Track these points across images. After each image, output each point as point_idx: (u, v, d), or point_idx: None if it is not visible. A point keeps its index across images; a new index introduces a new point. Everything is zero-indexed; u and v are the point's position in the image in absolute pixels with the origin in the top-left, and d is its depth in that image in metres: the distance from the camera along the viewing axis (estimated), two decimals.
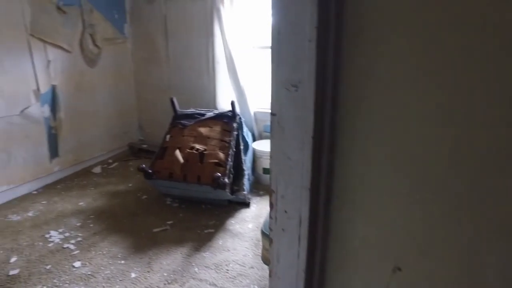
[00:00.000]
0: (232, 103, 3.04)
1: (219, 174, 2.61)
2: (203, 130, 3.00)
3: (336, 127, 0.78)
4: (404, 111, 0.62)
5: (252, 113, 3.77)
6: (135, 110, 4.52)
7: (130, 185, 3.55)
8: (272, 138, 0.89)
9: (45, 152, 3.47)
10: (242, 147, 3.01)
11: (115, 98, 4.20)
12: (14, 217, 2.95)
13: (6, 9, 3.00)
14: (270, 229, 0.88)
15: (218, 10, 3.64)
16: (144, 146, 4.41)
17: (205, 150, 2.86)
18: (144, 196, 3.30)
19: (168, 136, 3.06)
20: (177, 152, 2.82)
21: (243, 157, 2.99)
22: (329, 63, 0.79)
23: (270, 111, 0.84)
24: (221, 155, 2.83)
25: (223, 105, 3.92)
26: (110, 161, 4.20)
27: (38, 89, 3.32)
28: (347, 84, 0.70)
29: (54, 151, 3.56)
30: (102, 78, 3.99)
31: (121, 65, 4.24)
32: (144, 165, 2.82)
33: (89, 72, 3.83)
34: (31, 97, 3.27)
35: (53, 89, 3.46)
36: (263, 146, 3.45)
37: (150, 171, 2.84)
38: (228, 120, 3.06)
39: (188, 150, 2.84)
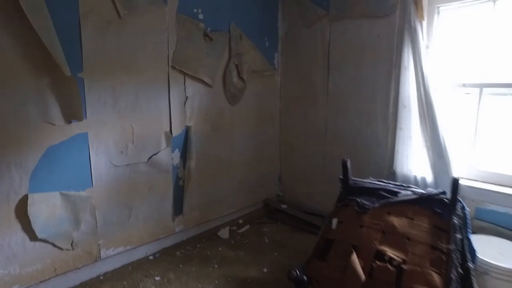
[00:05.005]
0: (455, 182, 1.74)
1: None
2: (397, 222, 1.78)
3: None
4: None
5: None
6: (276, 158, 3.61)
7: (265, 270, 2.53)
8: None
9: (168, 208, 2.78)
10: (470, 264, 1.66)
11: (255, 142, 3.37)
12: None
13: (154, 40, 2.49)
14: None
15: (413, 30, 2.45)
16: (283, 206, 3.43)
17: (404, 261, 1.63)
18: None
19: (335, 221, 1.94)
20: (354, 259, 1.66)
21: (474, 283, 1.63)
22: None
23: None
24: (436, 279, 1.54)
25: (404, 169, 2.64)
26: (241, 221, 3.33)
27: (170, 131, 2.68)
28: None
29: (178, 207, 2.85)
30: (242, 117, 3.21)
31: (267, 103, 3.42)
32: (296, 271, 1.74)
33: (229, 110, 3.09)
34: (162, 141, 2.64)
35: (187, 131, 2.79)
36: (484, 249, 1.99)
37: (304, 277, 1.74)
38: (443, 210, 1.76)
39: (378, 263, 1.65)
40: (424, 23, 2.49)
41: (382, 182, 2.08)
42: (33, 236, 2.10)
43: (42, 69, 2.01)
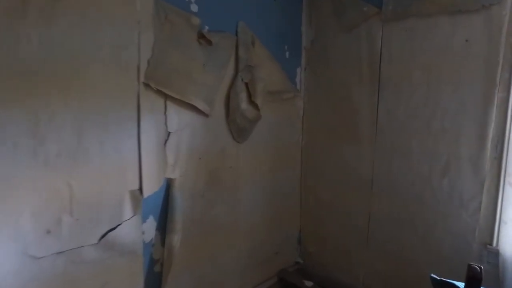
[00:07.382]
0: None
1: None
2: None
3: None
4: None
5: None
6: (295, 213, 2.59)
7: None
8: None
9: None
10: None
11: (269, 194, 2.35)
12: None
13: (114, 41, 1.48)
14: None
15: None
16: (307, 284, 2.38)
17: None
18: None
19: None
20: None
21: None
22: None
23: None
24: None
25: None
26: None
27: (140, 189, 1.64)
28: None
29: None
30: (252, 160, 2.20)
31: (284, 138, 2.42)
32: None
33: (234, 150, 2.08)
34: (125, 206, 1.59)
35: (168, 188, 1.76)
36: None
37: None
38: None
39: None
40: None
41: None
42: None
43: None
